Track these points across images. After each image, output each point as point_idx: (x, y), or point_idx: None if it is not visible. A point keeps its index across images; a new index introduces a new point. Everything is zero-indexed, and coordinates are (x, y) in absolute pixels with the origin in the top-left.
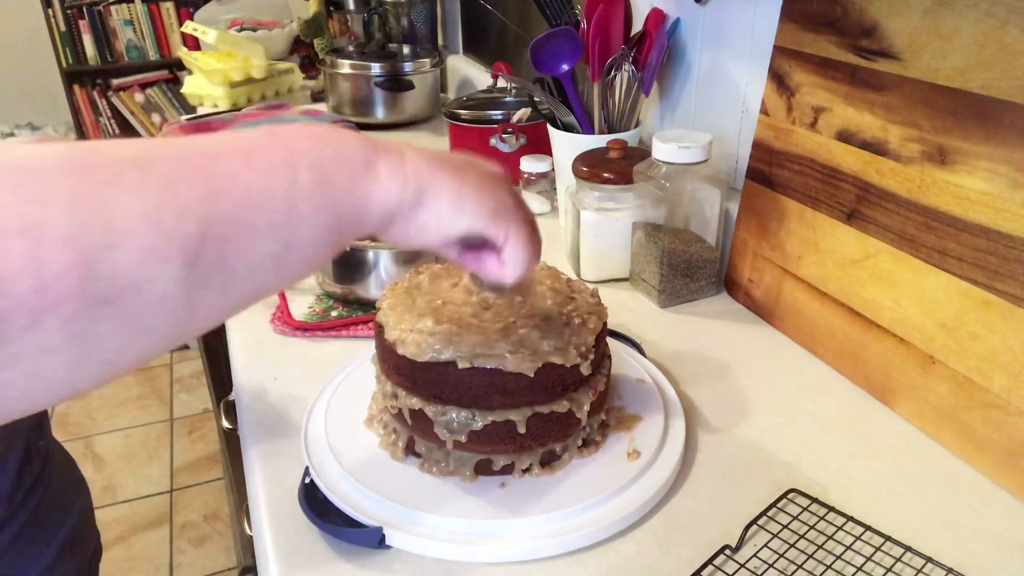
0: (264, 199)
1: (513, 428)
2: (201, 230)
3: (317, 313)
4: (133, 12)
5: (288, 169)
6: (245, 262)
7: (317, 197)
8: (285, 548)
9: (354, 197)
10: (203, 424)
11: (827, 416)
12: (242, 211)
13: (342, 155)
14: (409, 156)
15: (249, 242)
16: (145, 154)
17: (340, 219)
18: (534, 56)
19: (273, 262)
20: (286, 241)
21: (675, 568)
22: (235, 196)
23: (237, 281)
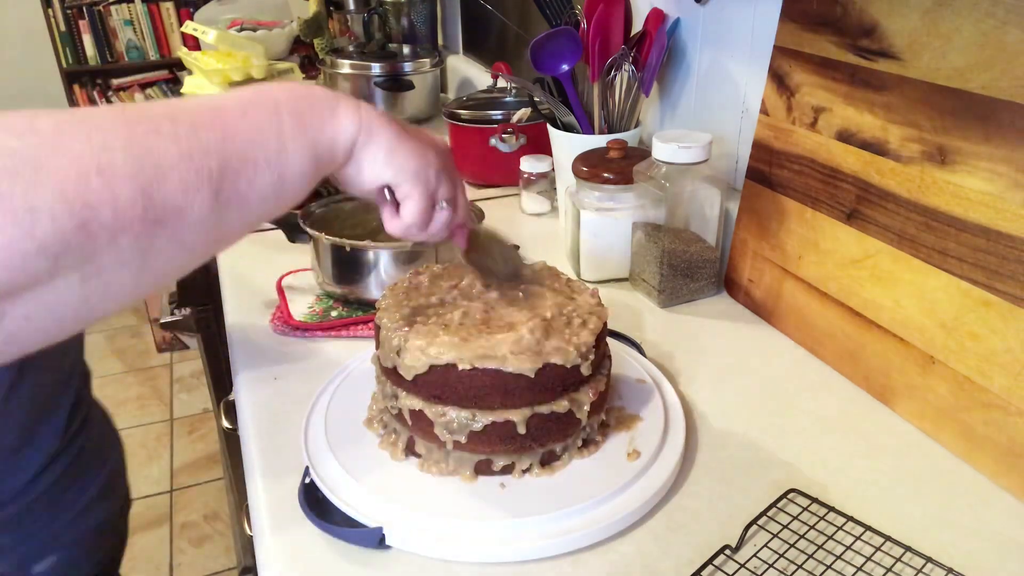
0: (261, 140)
1: (513, 428)
2: (220, 166)
3: (317, 313)
4: (133, 12)
5: (275, 116)
6: (254, 190)
7: (298, 136)
8: (285, 548)
9: (324, 134)
10: (203, 424)
11: (827, 416)
12: (247, 150)
13: (314, 104)
14: (364, 106)
15: (255, 174)
16: (171, 110)
17: (317, 153)
18: (534, 56)
19: (273, 190)
20: (280, 173)
21: (675, 568)
22: (240, 139)
23: (250, 205)
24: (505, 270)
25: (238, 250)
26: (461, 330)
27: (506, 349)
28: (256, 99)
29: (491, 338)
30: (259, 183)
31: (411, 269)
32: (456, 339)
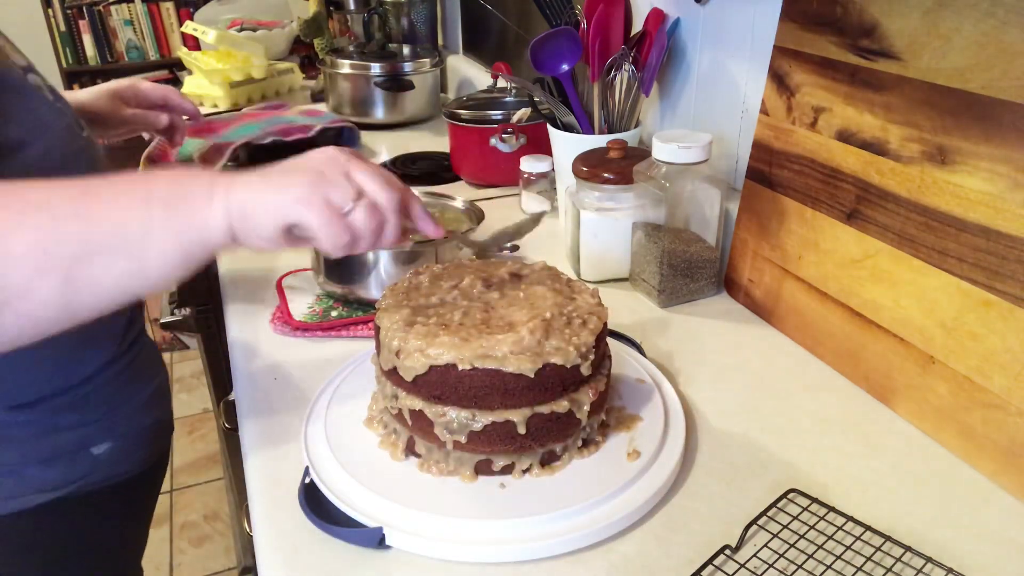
0: (123, 230)
1: (513, 428)
2: (75, 253)
3: (317, 313)
4: (133, 12)
5: (145, 207)
6: (109, 275)
7: (165, 225)
8: (285, 548)
9: (194, 222)
10: (203, 424)
11: (827, 416)
12: (105, 239)
13: (189, 192)
14: (234, 181)
15: (112, 261)
16: (47, 196)
17: (184, 240)
18: (534, 56)
19: (132, 275)
20: (140, 259)
21: (675, 568)
22: (103, 228)
23: (104, 288)
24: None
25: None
26: (461, 330)
27: (506, 349)
28: (131, 188)
29: (491, 338)
30: (115, 270)
31: (411, 269)
32: (456, 339)
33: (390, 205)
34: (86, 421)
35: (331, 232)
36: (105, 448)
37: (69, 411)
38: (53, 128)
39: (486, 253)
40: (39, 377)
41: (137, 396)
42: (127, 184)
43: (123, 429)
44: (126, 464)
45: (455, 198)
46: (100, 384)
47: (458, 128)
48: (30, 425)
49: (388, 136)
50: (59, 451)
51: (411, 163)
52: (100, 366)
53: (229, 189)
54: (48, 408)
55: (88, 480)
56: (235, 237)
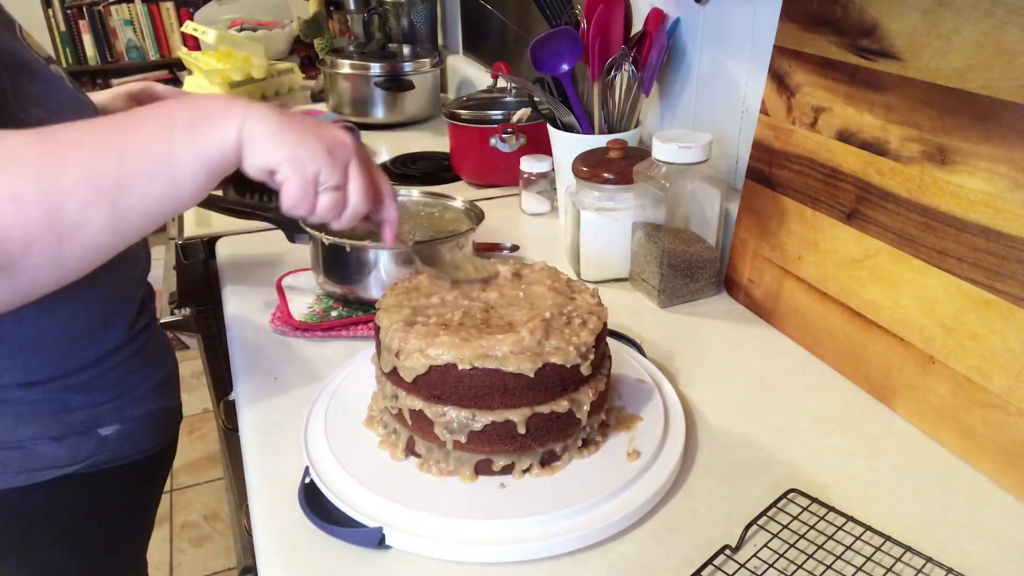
0: (153, 155)
1: (513, 428)
2: (117, 183)
3: (317, 313)
4: (133, 12)
5: (168, 129)
6: (149, 198)
7: (188, 146)
8: (285, 548)
9: (213, 141)
10: (203, 424)
11: (827, 416)
12: (140, 166)
13: (207, 113)
14: (254, 107)
15: (148, 185)
16: (80, 135)
17: (208, 158)
18: (534, 56)
19: (168, 195)
20: (172, 181)
21: (675, 568)
22: (136, 155)
23: (147, 210)
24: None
25: (238, 250)
26: (461, 330)
27: (506, 349)
28: (155, 117)
29: (491, 338)
30: (153, 192)
31: (411, 269)
32: (456, 339)
33: (358, 207)
34: (96, 402)
35: (297, 198)
36: (113, 430)
37: (79, 391)
38: (74, 113)
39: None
40: (52, 356)
41: (146, 382)
42: (150, 115)
43: (131, 412)
44: (133, 447)
45: (455, 198)
46: (110, 367)
47: (458, 128)
48: (41, 403)
49: (388, 136)
50: (68, 429)
51: (411, 163)
52: (111, 349)
53: (247, 113)
54: (59, 387)
55: (96, 460)
56: (240, 157)
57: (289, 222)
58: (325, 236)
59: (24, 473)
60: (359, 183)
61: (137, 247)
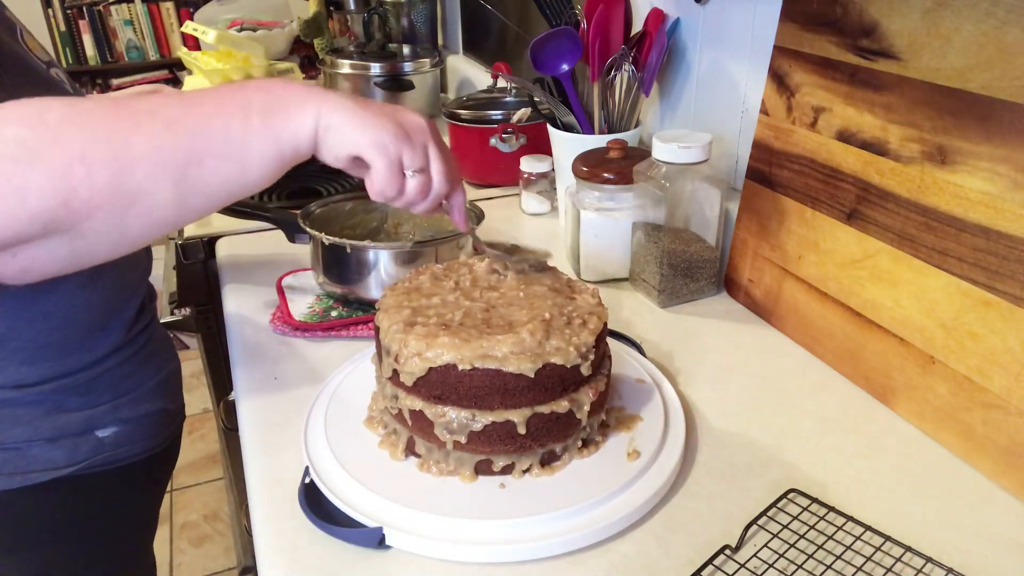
0: (227, 137)
1: (513, 428)
2: (185, 159)
3: (317, 313)
4: (133, 12)
5: (243, 113)
6: (216, 178)
7: (263, 132)
8: (285, 548)
9: (288, 130)
10: (203, 424)
11: (827, 416)
12: (211, 146)
13: (283, 102)
14: (329, 95)
15: (217, 166)
16: (154, 106)
17: (280, 147)
18: (534, 56)
19: (236, 178)
20: (243, 165)
21: (675, 568)
22: (207, 136)
23: (211, 190)
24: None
25: (238, 250)
26: (461, 330)
27: (506, 349)
28: (231, 98)
29: (491, 338)
30: (222, 173)
31: (411, 269)
32: (456, 339)
33: (441, 189)
34: (93, 404)
35: (386, 183)
36: (111, 432)
37: (76, 393)
38: None
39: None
40: (48, 358)
41: (145, 383)
42: (227, 95)
43: (129, 414)
44: (132, 449)
45: None
46: (108, 369)
47: (458, 128)
48: (37, 404)
49: None
50: (65, 431)
51: None
52: (109, 351)
53: (322, 103)
54: (55, 389)
55: (93, 462)
56: (316, 146)
57: (289, 222)
58: (325, 236)
59: (19, 475)
60: (440, 165)
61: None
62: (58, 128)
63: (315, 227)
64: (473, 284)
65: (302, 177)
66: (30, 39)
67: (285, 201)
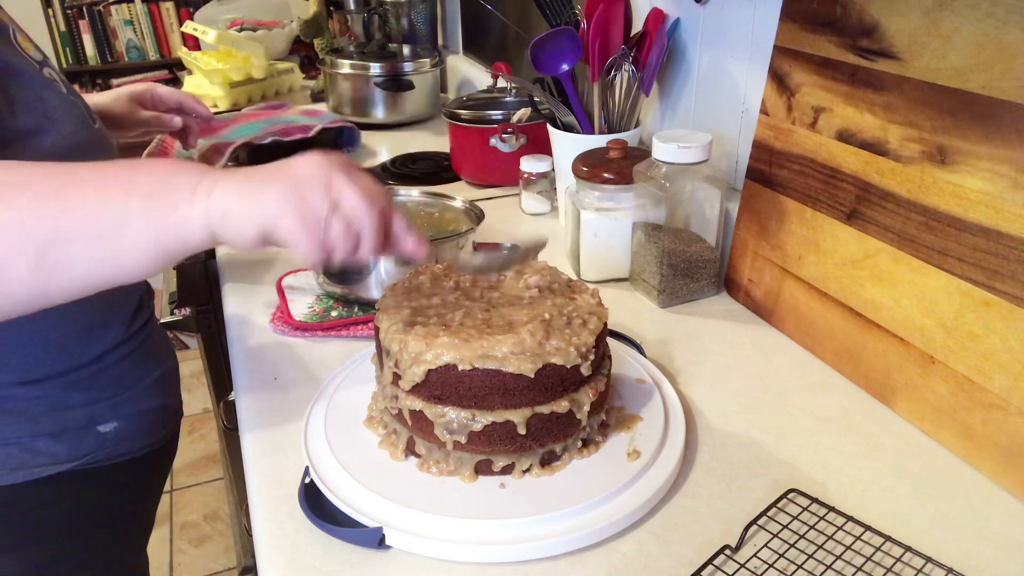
0: (99, 218)
1: (513, 429)
2: (50, 237)
3: (317, 313)
4: (133, 12)
5: (124, 196)
6: (82, 262)
7: (140, 218)
8: (285, 548)
9: (171, 220)
10: (203, 424)
11: (827, 416)
12: (81, 226)
13: (169, 187)
14: (222, 181)
15: (85, 248)
16: (29, 178)
17: (161, 236)
18: (534, 56)
19: (106, 265)
20: (115, 250)
21: (675, 568)
22: (80, 214)
23: (77, 273)
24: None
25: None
26: (461, 331)
27: (506, 349)
28: (115, 178)
29: (491, 338)
30: (89, 258)
31: (411, 269)
32: (456, 340)
33: (366, 223)
34: (94, 399)
35: (304, 243)
36: (112, 427)
37: (78, 389)
38: (65, 119)
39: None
40: (48, 355)
41: (145, 379)
42: (112, 173)
43: (130, 410)
44: (132, 444)
45: (455, 198)
46: (108, 365)
47: (458, 128)
48: (39, 400)
49: (388, 136)
50: (67, 427)
51: (411, 163)
52: (109, 347)
53: (212, 189)
54: (57, 385)
55: (94, 457)
56: (214, 237)
57: None
58: None
59: (23, 469)
60: (351, 194)
61: None
62: None
63: None
64: (473, 284)
65: None
66: (23, 39)
67: None
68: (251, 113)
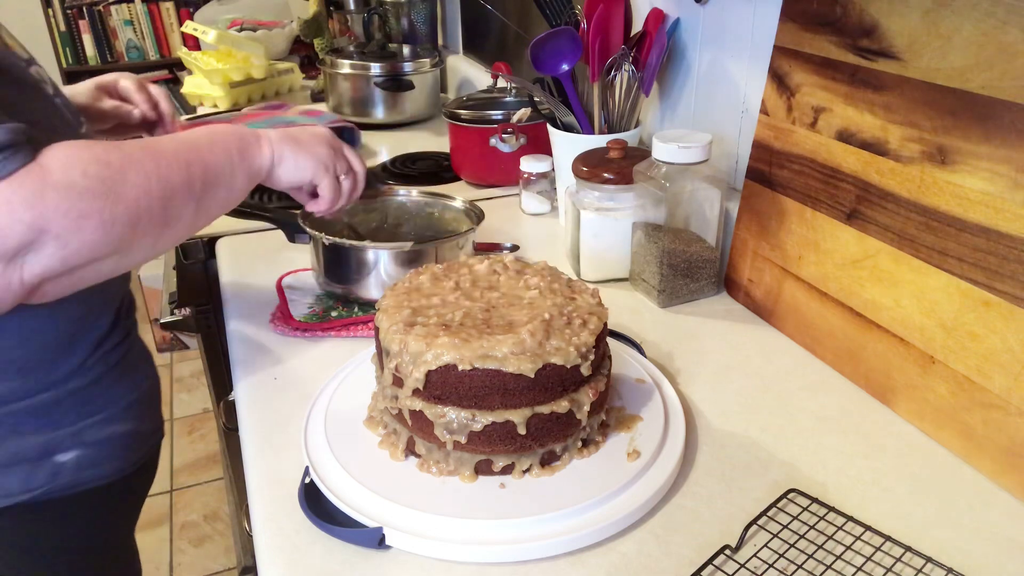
0: (222, 170)
1: (513, 429)
2: (202, 187)
3: (317, 313)
4: (133, 12)
5: (228, 152)
6: (217, 200)
7: (241, 164)
8: (285, 548)
9: (255, 163)
10: (203, 424)
11: (827, 416)
12: (215, 177)
13: (247, 143)
14: (274, 137)
15: (218, 190)
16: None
17: (251, 174)
18: (534, 56)
19: (227, 199)
20: (230, 188)
21: (675, 568)
22: (212, 170)
23: (213, 210)
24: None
25: (238, 250)
26: (461, 330)
27: (506, 349)
28: (218, 141)
29: (491, 338)
30: (220, 196)
31: (411, 269)
32: (456, 340)
33: (362, 175)
34: (53, 427)
35: (333, 196)
36: (72, 456)
37: (34, 415)
38: (51, 121)
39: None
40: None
41: (116, 403)
42: (211, 139)
43: (95, 436)
44: (97, 471)
45: (455, 198)
46: (71, 391)
47: (458, 128)
48: None
49: (388, 136)
50: (20, 457)
51: (411, 163)
52: (73, 371)
53: (273, 141)
54: (11, 412)
55: (51, 488)
56: (270, 172)
57: (289, 222)
58: (325, 236)
59: None
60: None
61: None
62: (121, 169)
63: (315, 227)
64: (473, 284)
65: None
66: (8, 37)
67: (285, 201)
68: (251, 113)
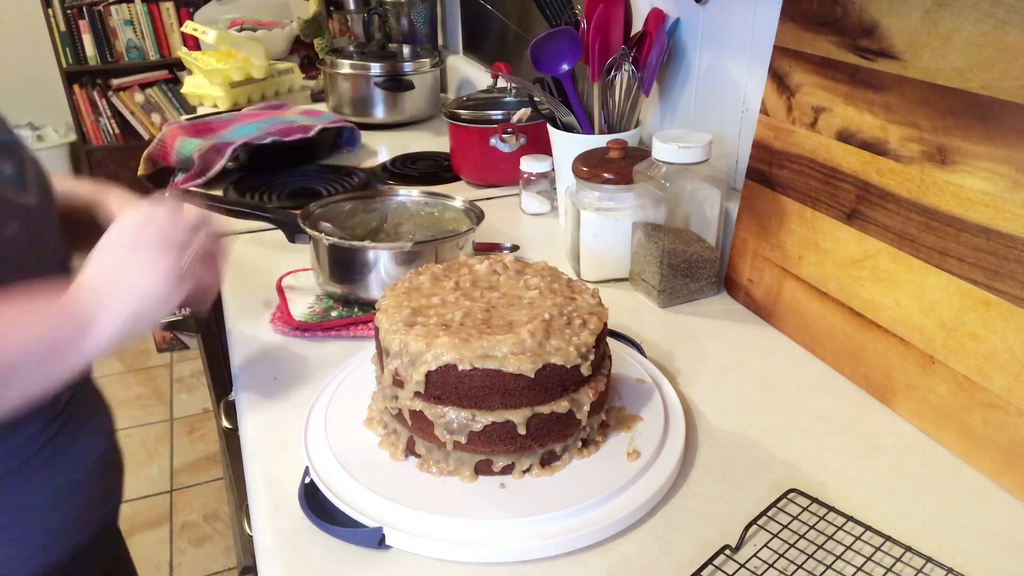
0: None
1: (513, 429)
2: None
3: (317, 313)
4: (133, 12)
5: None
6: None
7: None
8: (285, 548)
9: (77, 365)
10: (203, 424)
11: (827, 416)
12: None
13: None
14: (113, 307)
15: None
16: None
17: (67, 368)
18: (534, 56)
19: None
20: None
21: (675, 568)
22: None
23: (10, 397)
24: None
25: (238, 250)
26: (461, 330)
27: (506, 349)
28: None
29: (491, 338)
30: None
31: (411, 269)
32: (456, 339)
33: (216, 241)
34: None
35: (186, 290)
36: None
37: None
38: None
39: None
40: None
41: (49, 487)
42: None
43: (25, 529)
44: (29, 564)
45: (455, 198)
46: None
47: (458, 128)
48: None
49: (388, 136)
50: None
51: (411, 163)
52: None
53: (109, 321)
54: None
55: None
56: (127, 340)
57: (289, 222)
58: (325, 236)
59: None
60: (196, 225)
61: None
62: None
63: (315, 227)
64: (473, 284)
65: (302, 177)
66: None
67: (285, 201)
68: (251, 113)
